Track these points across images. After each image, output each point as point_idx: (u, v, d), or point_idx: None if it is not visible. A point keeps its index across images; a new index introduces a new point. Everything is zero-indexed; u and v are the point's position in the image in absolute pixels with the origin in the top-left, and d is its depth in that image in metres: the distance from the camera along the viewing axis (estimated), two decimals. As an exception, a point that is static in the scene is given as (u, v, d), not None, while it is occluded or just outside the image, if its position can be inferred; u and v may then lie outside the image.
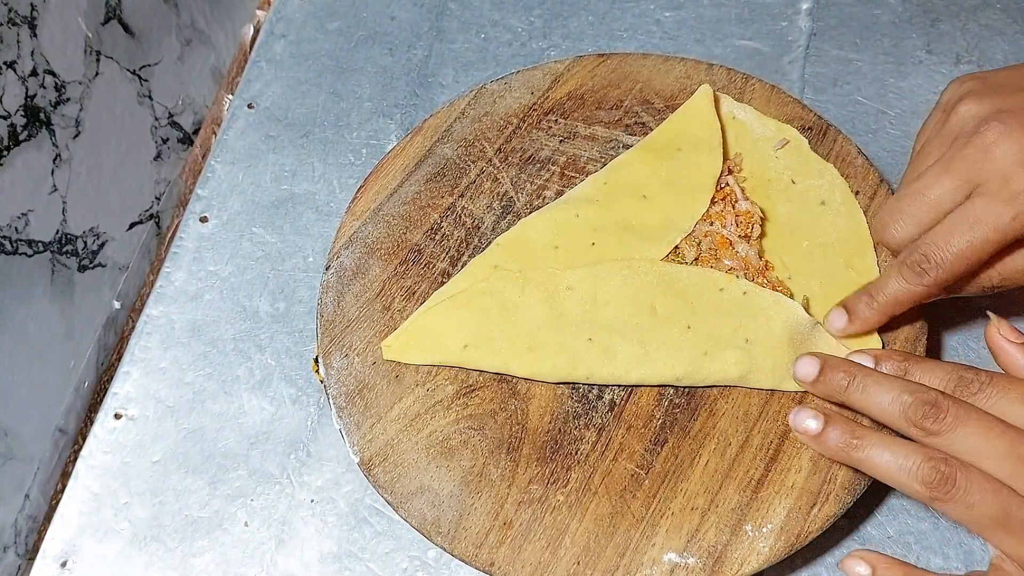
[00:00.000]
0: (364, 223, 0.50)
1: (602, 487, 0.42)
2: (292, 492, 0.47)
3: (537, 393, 0.44)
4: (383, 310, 0.47)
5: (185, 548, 0.46)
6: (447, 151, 0.52)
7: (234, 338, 0.52)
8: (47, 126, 0.48)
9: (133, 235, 0.57)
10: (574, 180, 0.50)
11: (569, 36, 0.62)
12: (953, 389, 0.37)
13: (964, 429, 0.36)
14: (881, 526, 0.44)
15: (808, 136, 0.49)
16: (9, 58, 0.44)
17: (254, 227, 0.56)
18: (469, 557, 0.40)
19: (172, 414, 0.49)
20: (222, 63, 0.65)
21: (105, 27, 0.52)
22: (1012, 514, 0.34)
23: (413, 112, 0.59)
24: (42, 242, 0.48)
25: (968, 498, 0.35)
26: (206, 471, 0.48)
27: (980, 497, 0.35)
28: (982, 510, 0.35)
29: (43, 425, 0.50)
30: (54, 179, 0.49)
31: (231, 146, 0.59)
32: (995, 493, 0.35)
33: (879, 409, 0.37)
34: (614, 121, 0.52)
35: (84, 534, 0.47)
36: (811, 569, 0.43)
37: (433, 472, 0.42)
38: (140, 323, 0.53)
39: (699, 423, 0.43)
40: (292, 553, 0.45)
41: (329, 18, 0.65)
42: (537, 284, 0.45)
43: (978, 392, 0.37)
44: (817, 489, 0.40)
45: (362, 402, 0.44)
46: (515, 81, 0.54)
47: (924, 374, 0.39)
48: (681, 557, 0.40)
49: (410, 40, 0.63)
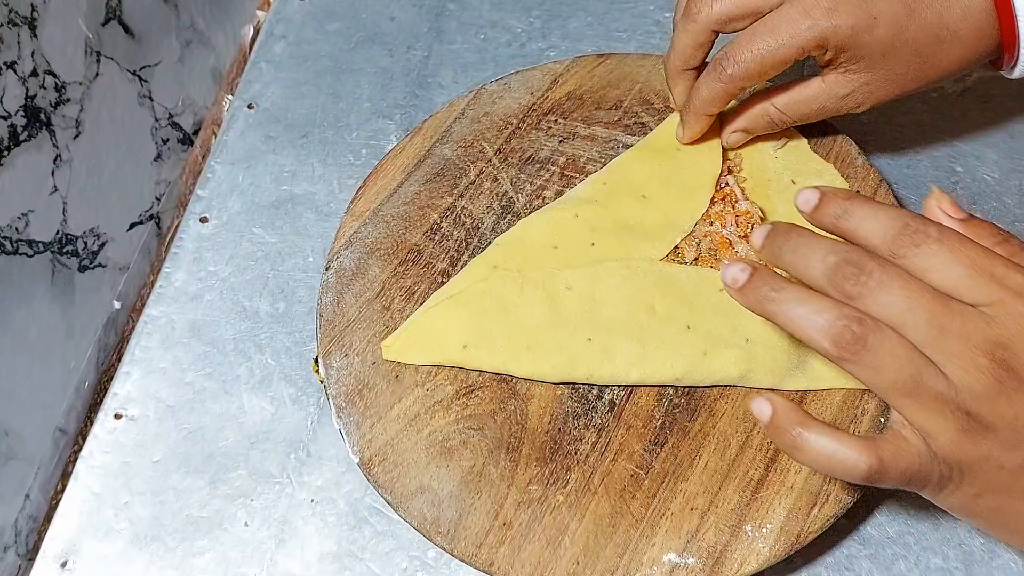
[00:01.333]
0: (364, 223, 0.50)
1: (602, 487, 0.42)
2: (292, 492, 0.47)
3: (537, 393, 0.44)
4: (383, 310, 0.47)
5: (185, 548, 0.46)
6: (447, 151, 0.52)
7: (234, 338, 0.52)
8: (47, 126, 0.48)
9: (133, 235, 0.57)
10: (574, 180, 0.50)
11: (568, 36, 0.62)
12: (893, 237, 0.34)
13: (886, 294, 0.33)
14: (881, 526, 0.44)
15: (808, 136, 0.50)
16: (9, 58, 0.44)
17: (254, 227, 0.56)
18: (469, 557, 0.40)
19: (172, 414, 0.49)
20: (222, 64, 0.66)
21: (105, 28, 0.52)
22: (921, 382, 0.33)
23: (412, 113, 0.59)
24: (42, 242, 0.48)
25: (876, 361, 0.33)
26: (206, 471, 0.48)
27: (889, 362, 0.33)
28: (890, 375, 0.33)
29: (43, 425, 0.50)
30: (54, 179, 0.49)
31: (231, 146, 0.59)
32: (906, 359, 0.33)
33: (808, 270, 0.35)
34: (613, 121, 0.52)
35: (84, 534, 0.47)
36: (811, 569, 0.43)
37: (433, 472, 0.42)
38: (140, 323, 0.53)
39: (699, 423, 0.43)
40: (292, 553, 0.45)
41: (328, 19, 0.65)
42: (536, 284, 0.45)
43: (921, 245, 0.33)
44: (817, 489, 0.40)
45: (362, 402, 0.44)
46: (514, 81, 0.54)
47: (864, 219, 0.35)
48: (681, 557, 0.40)
49: (409, 41, 0.63)
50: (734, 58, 0.42)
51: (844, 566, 0.43)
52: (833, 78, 0.44)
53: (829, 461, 0.34)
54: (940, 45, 0.42)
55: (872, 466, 0.33)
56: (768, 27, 0.41)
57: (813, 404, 0.43)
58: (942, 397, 0.32)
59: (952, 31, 0.41)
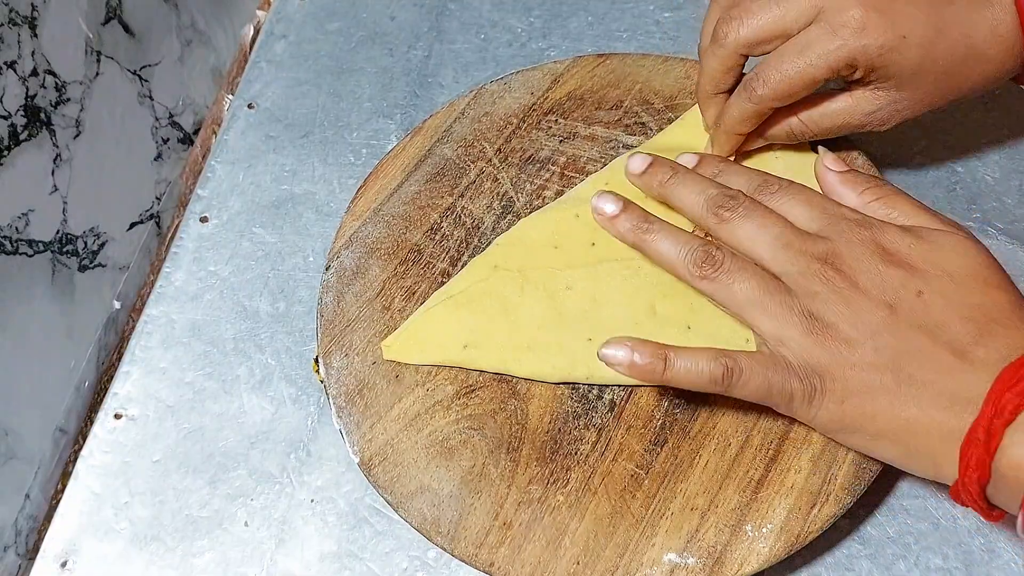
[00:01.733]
0: (364, 223, 0.50)
1: (602, 487, 0.42)
2: (292, 492, 0.47)
3: (537, 393, 0.44)
4: (383, 310, 0.47)
5: (185, 548, 0.46)
6: (447, 151, 0.52)
7: (234, 338, 0.52)
8: (47, 126, 0.48)
9: (133, 235, 0.57)
10: (574, 180, 0.50)
11: (568, 36, 0.62)
12: (755, 189, 0.42)
13: (748, 221, 0.40)
14: (881, 526, 0.44)
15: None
16: (9, 58, 0.44)
17: (254, 227, 0.56)
18: (469, 557, 0.40)
19: (172, 414, 0.49)
20: (222, 63, 0.66)
21: (105, 27, 0.52)
22: (767, 292, 0.39)
23: (413, 112, 0.59)
24: (42, 242, 0.48)
25: (730, 278, 0.39)
26: (206, 471, 0.48)
27: (741, 278, 0.39)
28: (742, 293, 0.39)
29: (43, 425, 0.50)
30: (54, 179, 0.49)
31: (231, 146, 0.59)
32: (755, 275, 0.39)
33: (689, 200, 0.43)
34: (614, 121, 0.52)
35: (84, 534, 0.47)
36: (811, 569, 0.43)
37: (433, 472, 0.42)
38: (140, 323, 0.53)
39: (699, 423, 0.43)
40: (292, 553, 0.45)
41: (329, 18, 0.65)
42: (537, 284, 0.45)
43: (776, 192, 0.42)
44: (817, 489, 0.40)
45: (362, 402, 0.44)
46: (515, 81, 0.54)
47: (733, 176, 0.44)
48: (681, 557, 0.40)
49: (410, 40, 0.63)
50: (763, 79, 0.42)
51: (844, 566, 0.43)
52: (861, 94, 0.44)
53: (688, 374, 0.38)
54: (967, 64, 0.42)
55: (726, 369, 0.37)
56: (797, 48, 0.41)
57: (813, 404, 0.43)
58: (786, 303, 0.38)
59: (979, 51, 0.41)
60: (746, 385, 0.38)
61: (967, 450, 0.35)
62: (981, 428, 0.34)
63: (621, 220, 0.43)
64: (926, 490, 0.44)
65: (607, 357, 0.39)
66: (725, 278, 0.40)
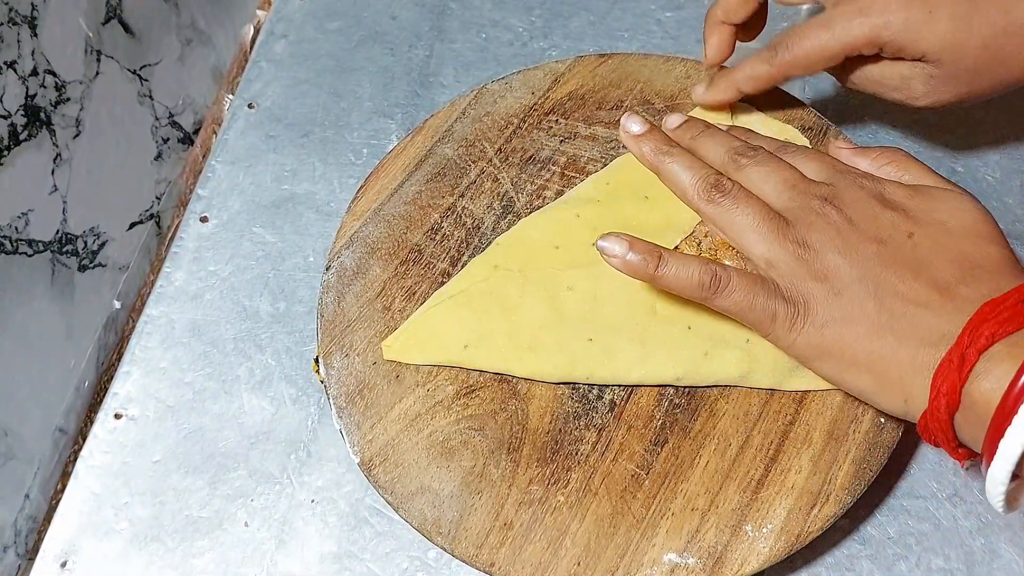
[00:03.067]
0: (364, 223, 0.50)
1: (602, 488, 0.42)
2: (292, 492, 0.47)
3: (537, 393, 0.44)
4: (383, 310, 0.47)
5: (185, 548, 0.46)
6: (448, 151, 0.52)
7: (234, 338, 0.52)
8: (47, 126, 0.48)
9: (133, 235, 0.57)
10: (575, 180, 0.50)
11: (570, 36, 0.62)
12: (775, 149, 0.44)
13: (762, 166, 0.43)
14: (881, 526, 0.44)
15: (808, 136, 0.49)
16: (9, 58, 0.44)
17: (254, 227, 0.56)
18: (469, 557, 0.40)
19: (172, 414, 0.49)
20: (222, 63, 0.65)
21: (105, 27, 0.52)
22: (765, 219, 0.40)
23: (414, 112, 0.59)
24: (42, 242, 0.48)
25: (735, 203, 0.41)
26: (206, 471, 0.48)
27: (744, 205, 0.41)
28: (743, 219, 0.41)
29: (43, 425, 0.50)
30: (54, 179, 0.49)
31: (231, 146, 0.59)
32: (760, 207, 0.41)
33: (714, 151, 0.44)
34: (615, 121, 0.52)
35: (84, 534, 0.47)
36: (811, 569, 0.43)
37: (433, 472, 0.42)
38: (140, 323, 0.53)
39: (699, 423, 0.43)
40: (292, 553, 0.45)
41: (329, 18, 0.65)
42: (537, 284, 0.45)
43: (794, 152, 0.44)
44: (817, 489, 0.40)
45: (362, 402, 0.44)
46: (516, 81, 0.54)
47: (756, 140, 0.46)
48: (681, 557, 0.40)
49: (411, 40, 0.63)
50: (787, 44, 0.44)
51: (844, 566, 0.43)
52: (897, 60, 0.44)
53: (677, 277, 0.39)
54: (1009, 37, 0.42)
55: (714, 275, 0.39)
56: (823, 21, 0.44)
57: (813, 404, 0.43)
58: (781, 230, 0.40)
59: (1020, 24, 0.41)
60: (730, 295, 0.39)
61: (940, 376, 0.35)
62: (955, 354, 0.35)
63: (644, 140, 0.45)
64: (927, 490, 0.44)
65: (604, 249, 0.40)
66: (730, 203, 0.41)
